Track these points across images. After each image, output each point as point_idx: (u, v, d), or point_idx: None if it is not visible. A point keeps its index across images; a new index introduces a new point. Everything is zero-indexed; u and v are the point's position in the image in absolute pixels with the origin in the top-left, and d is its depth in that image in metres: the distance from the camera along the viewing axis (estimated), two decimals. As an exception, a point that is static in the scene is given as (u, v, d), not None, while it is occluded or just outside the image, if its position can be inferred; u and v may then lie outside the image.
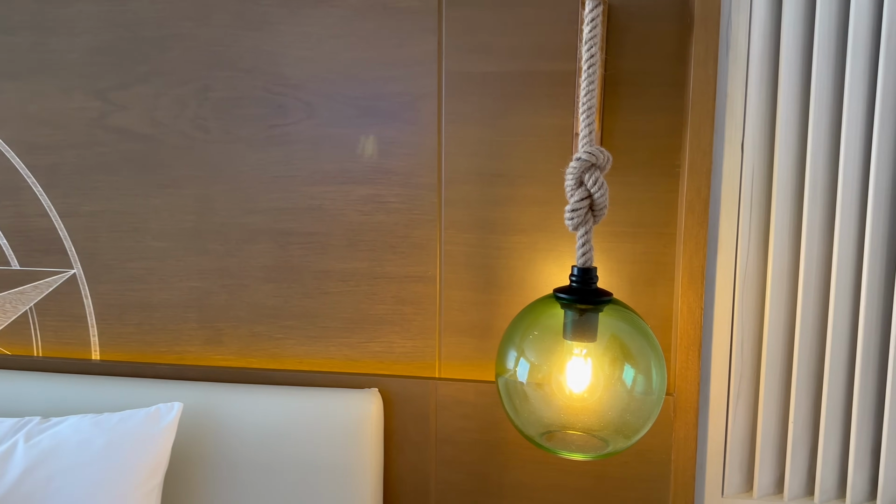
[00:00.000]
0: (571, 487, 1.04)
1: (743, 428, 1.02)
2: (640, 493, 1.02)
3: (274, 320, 1.10)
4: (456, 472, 1.07)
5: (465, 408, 1.06)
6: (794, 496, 1.01)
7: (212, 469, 1.03)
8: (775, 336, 0.99)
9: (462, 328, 1.07)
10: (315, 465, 1.02)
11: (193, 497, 1.04)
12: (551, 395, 0.79)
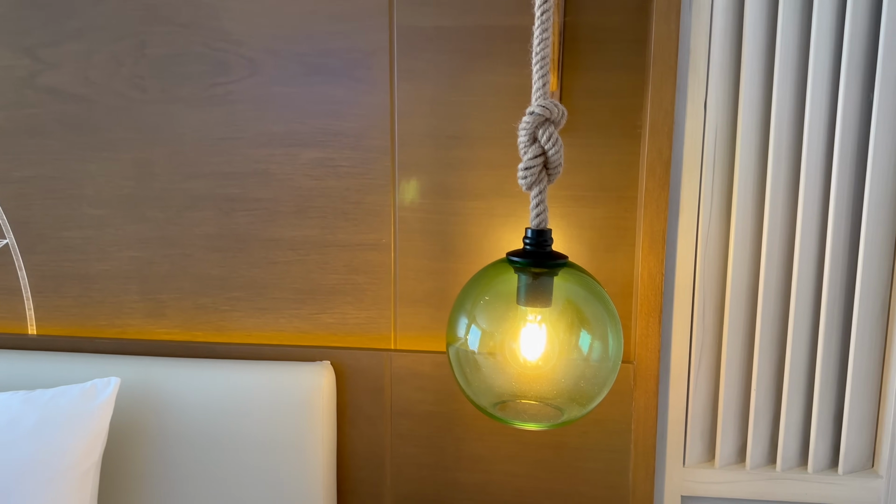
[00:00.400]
0: (530, 459, 1.01)
1: (704, 396, 1.00)
2: (600, 462, 1.00)
3: (219, 291, 1.05)
4: (412, 445, 1.03)
5: (422, 380, 1.02)
6: (757, 465, 1.00)
7: (155, 446, 0.99)
8: (737, 302, 0.96)
9: (418, 298, 1.02)
10: (264, 441, 0.98)
11: (136, 476, 0.99)
12: (504, 364, 0.76)
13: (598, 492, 1.00)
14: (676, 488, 1.01)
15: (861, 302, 0.94)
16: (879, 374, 0.98)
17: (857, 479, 0.98)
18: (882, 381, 0.98)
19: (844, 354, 0.97)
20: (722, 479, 1.00)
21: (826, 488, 0.98)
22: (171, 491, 0.99)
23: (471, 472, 1.03)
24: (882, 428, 0.98)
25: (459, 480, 1.03)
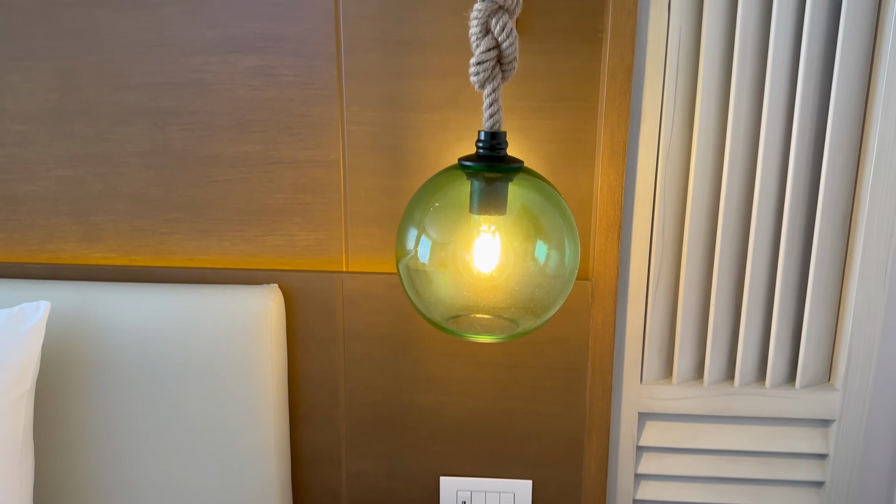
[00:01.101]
0: (486, 379, 0.99)
1: (662, 313, 0.98)
2: (557, 382, 0.98)
3: (157, 213, 0.99)
4: (366, 368, 1.00)
5: (375, 302, 0.98)
6: (714, 381, 0.99)
7: (95, 374, 0.94)
8: (698, 216, 0.94)
9: (369, 217, 0.97)
10: (211, 367, 0.93)
11: (76, 403, 0.95)
12: (457, 277, 0.72)
13: (555, 410, 0.99)
14: (633, 405, 1.00)
15: (823, 216, 0.92)
16: (839, 289, 0.97)
17: (813, 392, 0.98)
18: (841, 296, 0.97)
19: (805, 269, 0.96)
20: (679, 395, 0.99)
21: (783, 402, 0.98)
22: (115, 419, 0.95)
23: (427, 394, 1.00)
24: (839, 342, 0.97)
25: (415, 403, 1.01)
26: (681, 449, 1.02)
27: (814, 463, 1.00)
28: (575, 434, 1.00)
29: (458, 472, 1.03)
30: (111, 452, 0.96)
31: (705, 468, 1.01)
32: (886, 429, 1.01)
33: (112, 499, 0.97)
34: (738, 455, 1.01)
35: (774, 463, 1.01)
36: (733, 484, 1.02)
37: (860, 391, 0.97)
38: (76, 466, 0.96)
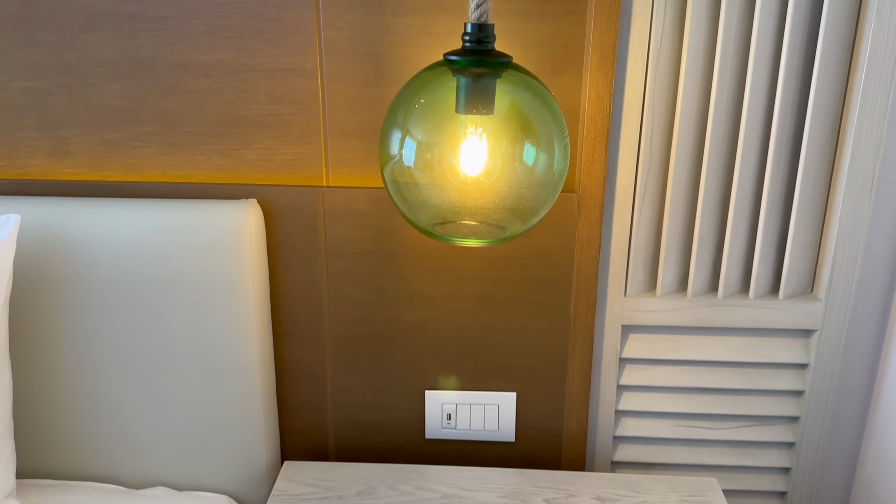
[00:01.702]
0: (471, 294, 0.98)
1: (648, 225, 0.97)
2: (542, 295, 0.98)
3: (128, 125, 0.95)
4: (350, 285, 0.99)
5: (357, 217, 0.96)
6: (698, 292, 0.99)
7: (72, 290, 0.92)
8: (686, 125, 0.92)
9: (350, 129, 0.94)
10: (190, 282, 0.92)
11: (54, 320, 0.93)
12: (443, 180, 0.70)
13: (540, 323, 0.99)
14: (617, 318, 1.00)
15: (812, 124, 0.90)
16: (825, 200, 0.96)
17: (796, 303, 0.98)
18: (826, 206, 0.96)
19: (792, 180, 0.95)
20: (663, 307, 0.99)
21: (766, 313, 0.98)
22: (94, 336, 0.94)
23: (411, 310, 1.00)
24: (823, 253, 0.97)
25: (400, 318, 1.00)
26: (663, 360, 1.03)
27: (794, 373, 1.02)
28: (559, 347, 1.00)
29: (443, 385, 1.03)
30: (92, 369, 0.95)
31: (687, 379, 1.02)
32: (866, 339, 1.02)
33: (95, 416, 0.97)
34: (719, 366, 1.02)
35: (755, 373, 1.02)
36: (714, 394, 1.04)
37: (842, 301, 0.97)
38: (57, 384, 0.96)
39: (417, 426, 1.06)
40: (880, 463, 1.01)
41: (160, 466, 0.99)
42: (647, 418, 1.06)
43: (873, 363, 1.03)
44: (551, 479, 0.98)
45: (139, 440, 0.98)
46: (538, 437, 1.05)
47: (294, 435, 1.06)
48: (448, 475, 0.99)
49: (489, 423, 1.04)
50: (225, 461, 0.99)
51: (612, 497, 0.94)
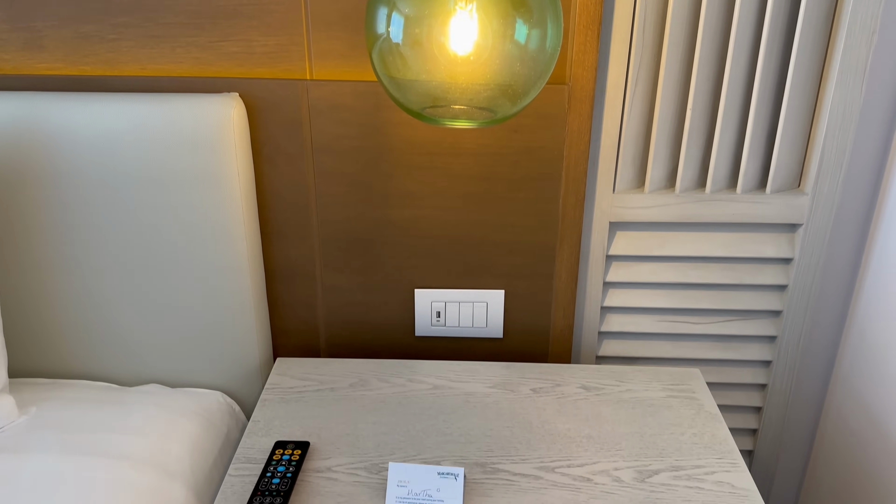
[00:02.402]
0: (461, 192, 0.98)
1: (638, 119, 0.96)
2: (530, 192, 0.97)
3: (103, 17, 0.91)
4: (337, 183, 0.98)
5: (343, 112, 0.94)
6: (686, 188, 0.99)
7: (54, 187, 0.91)
8: (679, 12, 0.89)
9: (333, 20, 0.91)
10: (175, 179, 0.90)
11: (37, 218, 0.92)
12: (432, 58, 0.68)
13: (528, 221, 0.99)
14: (605, 215, 1.00)
15: (805, 12, 0.88)
16: (816, 91, 0.95)
17: (783, 197, 0.98)
18: (817, 98, 0.95)
19: (783, 71, 0.93)
20: (651, 203, 0.99)
21: (753, 208, 0.99)
22: (79, 234, 0.93)
23: (400, 209, 0.99)
24: (812, 147, 0.97)
25: (388, 217, 1.00)
26: (649, 257, 1.04)
27: (778, 267, 1.03)
28: (547, 244, 1.01)
29: (432, 283, 1.04)
30: (80, 267, 0.95)
31: (672, 275, 1.03)
32: (850, 233, 1.03)
33: (85, 315, 0.97)
34: (704, 261, 1.04)
35: (740, 268, 1.03)
36: (698, 289, 1.05)
37: (829, 195, 0.98)
38: (45, 283, 0.95)
39: (407, 324, 1.07)
40: (859, 356, 1.04)
41: (153, 364, 1.01)
42: (631, 314, 1.08)
43: (856, 258, 1.05)
44: (538, 371, 1.00)
45: (131, 338, 0.99)
46: (525, 333, 1.07)
47: (286, 334, 1.07)
48: (438, 369, 1.01)
49: (478, 320, 1.06)
50: (217, 359, 1.00)
51: (596, 386, 0.97)
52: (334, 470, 0.82)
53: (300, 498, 0.78)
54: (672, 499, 0.78)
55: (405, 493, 0.77)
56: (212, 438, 0.92)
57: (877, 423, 0.99)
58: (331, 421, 0.90)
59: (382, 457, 0.84)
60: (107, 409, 0.91)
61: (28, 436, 0.85)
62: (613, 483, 0.80)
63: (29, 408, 0.90)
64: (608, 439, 0.87)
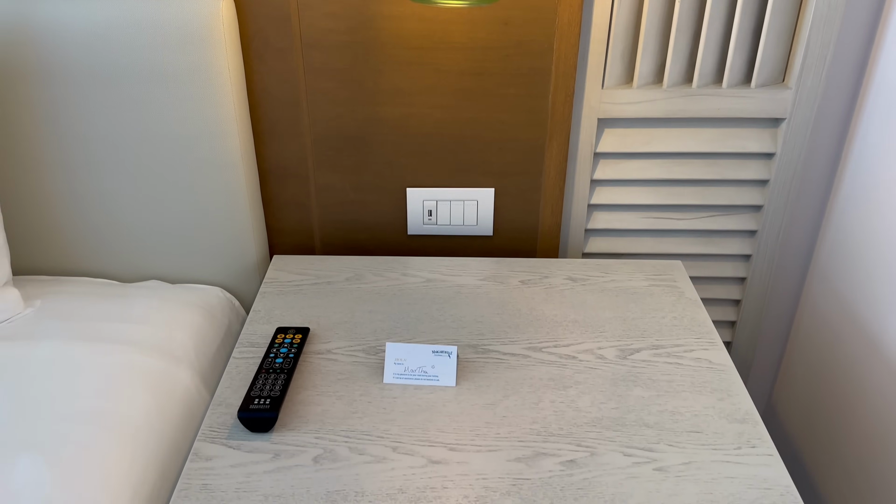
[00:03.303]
0: (451, 88, 0.99)
1: (628, 13, 0.96)
2: (521, 88, 0.99)
3: None
4: (327, 79, 0.98)
5: (332, 5, 0.93)
6: (674, 83, 1.00)
7: (46, 84, 0.91)
8: None
9: None
10: (165, 74, 0.91)
11: (30, 116, 0.93)
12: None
13: (518, 117, 1.01)
14: (594, 111, 1.02)
15: None
16: (804, -16, 0.95)
17: (767, 91, 1.00)
18: (806, -9, 0.96)
19: (773, -37, 0.93)
20: (639, 98, 1.01)
21: (738, 102, 1.00)
22: (73, 131, 0.94)
23: (391, 106, 1.00)
24: (797, 41, 0.98)
25: (379, 115, 1.01)
26: (636, 154, 1.06)
27: (761, 163, 1.06)
28: (536, 141, 1.03)
29: (423, 182, 1.06)
30: (77, 165, 0.96)
31: (657, 171, 1.06)
32: (832, 128, 1.05)
33: (84, 212, 0.99)
34: (689, 157, 1.06)
35: (723, 164, 1.06)
36: (682, 185, 1.08)
37: (812, 90, 0.99)
38: (43, 180, 0.97)
39: (399, 223, 1.10)
40: (836, 250, 1.08)
41: (153, 261, 1.03)
42: (617, 211, 1.11)
43: (836, 153, 1.07)
44: (527, 265, 1.04)
45: (130, 235, 1.01)
46: (514, 230, 1.10)
47: (281, 233, 1.10)
48: (430, 264, 1.04)
49: (468, 218, 1.09)
50: (216, 255, 1.03)
51: (582, 277, 1.01)
52: (334, 352, 0.86)
53: (302, 376, 0.82)
54: (652, 373, 0.83)
55: (402, 369, 0.81)
56: (214, 329, 0.96)
57: (852, 315, 1.04)
58: (328, 310, 0.94)
59: (379, 340, 0.88)
60: (110, 301, 0.94)
61: (36, 325, 0.88)
62: (597, 360, 0.85)
63: (34, 301, 0.93)
64: (592, 323, 0.91)
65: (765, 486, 0.69)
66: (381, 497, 0.67)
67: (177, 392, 0.83)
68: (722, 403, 0.79)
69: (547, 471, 0.70)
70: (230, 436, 0.74)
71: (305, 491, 0.67)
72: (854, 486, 1.03)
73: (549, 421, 0.76)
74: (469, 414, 0.77)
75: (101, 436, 0.72)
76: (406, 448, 0.72)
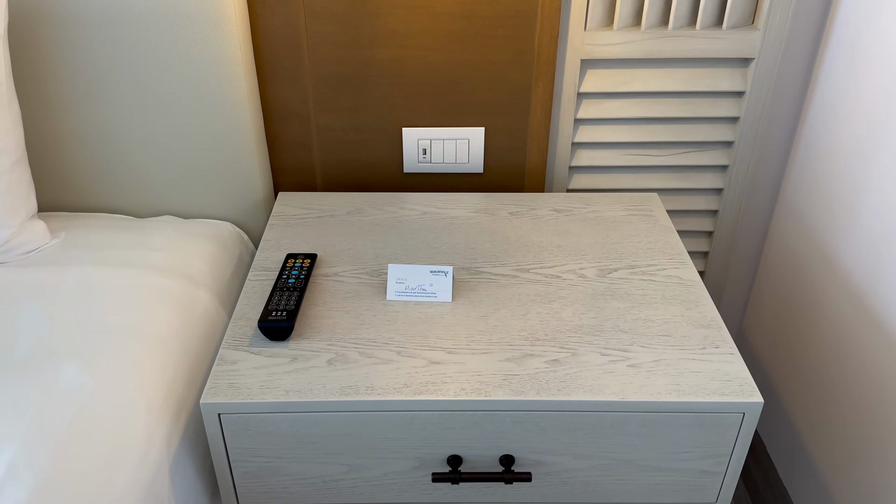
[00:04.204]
0: (443, 31, 1.05)
1: (609, -43, 1.03)
2: (509, 30, 1.05)
3: None
4: (327, 23, 1.04)
5: (330, -47, 0.99)
6: (651, 25, 1.07)
7: (65, 26, 0.96)
8: None
9: None
10: (173, 20, 0.96)
11: (53, 59, 0.99)
12: None
13: (506, 58, 1.07)
14: (577, 52, 1.09)
15: None
16: (773, -70, 1.02)
17: (738, 33, 1.07)
18: (774, -64, 1.02)
19: None
20: (619, 40, 1.08)
21: (711, 43, 1.08)
22: (91, 74, 1.00)
23: (387, 49, 1.07)
24: (767, -15, 1.05)
25: (376, 57, 1.07)
26: (616, 93, 1.13)
27: (731, 100, 1.14)
28: (523, 82, 1.10)
29: (418, 122, 1.13)
30: (95, 105, 1.02)
31: (636, 110, 1.14)
32: (798, 67, 1.13)
33: (102, 150, 1.06)
34: (666, 96, 1.13)
35: (697, 102, 1.14)
36: (659, 124, 1.16)
37: (778, 31, 1.07)
38: (64, 120, 1.03)
39: (396, 161, 1.17)
40: (802, 182, 1.17)
41: (166, 198, 1.10)
42: (599, 149, 1.18)
43: (802, 91, 1.15)
44: (515, 199, 1.12)
45: (144, 173, 1.08)
46: (503, 168, 1.18)
47: (285, 172, 1.17)
48: (426, 199, 1.12)
49: (460, 156, 1.16)
50: (225, 192, 1.10)
51: (566, 209, 1.09)
52: (340, 275, 0.94)
53: (313, 295, 0.90)
54: (628, 288, 0.92)
55: (403, 287, 0.90)
56: (227, 258, 1.04)
57: (817, 244, 1.13)
58: (333, 239, 1.01)
59: (381, 265, 0.96)
60: (130, 233, 1.02)
61: (63, 254, 0.95)
62: (579, 278, 0.94)
63: (59, 233, 1.00)
64: (575, 248, 1.00)
65: (725, 378, 0.78)
66: (389, 390, 0.76)
67: (197, 310, 0.91)
68: (690, 312, 0.88)
69: (534, 368, 0.79)
70: (251, 344, 0.82)
71: (322, 387, 0.76)
72: (814, 395, 1.14)
73: (536, 329, 0.85)
74: (464, 324, 0.86)
75: (133, 346, 0.81)
76: (409, 352, 0.81)
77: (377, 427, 0.77)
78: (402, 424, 0.77)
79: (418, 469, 0.81)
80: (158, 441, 0.75)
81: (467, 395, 0.76)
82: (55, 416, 0.70)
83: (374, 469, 0.80)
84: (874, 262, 0.98)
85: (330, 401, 0.75)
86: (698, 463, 0.80)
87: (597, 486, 0.83)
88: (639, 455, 0.79)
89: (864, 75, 0.99)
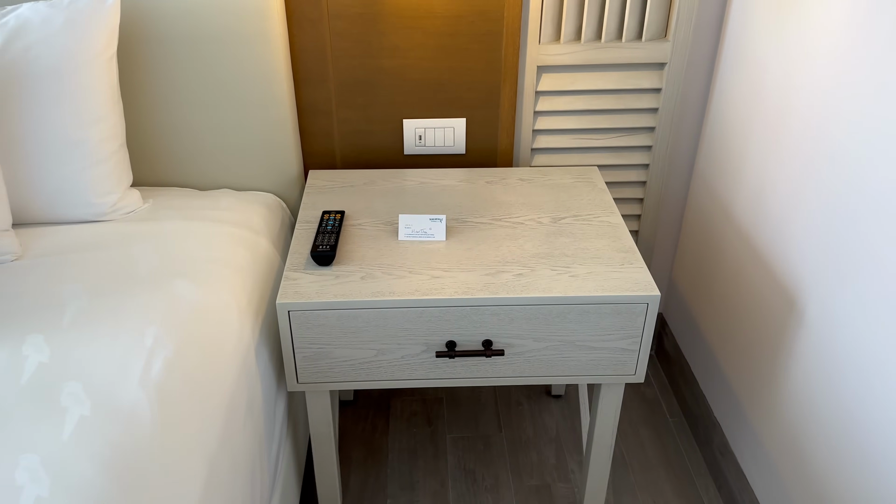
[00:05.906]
0: (433, 46, 1.40)
1: (555, -10, 1.38)
2: (483, 44, 1.40)
3: (176, -81, 1.27)
4: (346, 40, 1.39)
5: (349, -11, 1.34)
6: (588, 39, 1.43)
7: (150, 46, 1.29)
8: (580, -87, 1.30)
9: (340, -79, 1.29)
10: (236, 40, 1.30)
11: (142, 68, 1.32)
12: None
13: (481, 65, 1.43)
14: (534, 61, 1.44)
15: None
16: (675, -31, 1.38)
17: (654, 44, 1.44)
18: (676, -26, 1.39)
19: (653, -46, 1.36)
20: (565, 51, 1.43)
21: (634, 52, 1.44)
22: (167, 81, 1.33)
23: (391, 59, 1.41)
24: (672, 7, 1.41)
25: (383, 66, 1.42)
26: (564, 91, 1.49)
27: (651, 96, 1.50)
28: (494, 83, 1.45)
29: (415, 115, 1.48)
30: (173, 105, 1.35)
31: (580, 104, 1.49)
32: (700, 69, 1.50)
33: (174, 138, 1.39)
34: (602, 93, 1.49)
35: (626, 97, 1.50)
36: (598, 114, 1.52)
37: (684, 41, 1.43)
38: (148, 116, 1.36)
39: (398, 146, 1.51)
40: (710, 158, 1.54)
41: (223, 175, 1.44)
42: (553, 135, 1.54)
43: (706, 87, 1.52)
44: (489, 172, 1.47)
45: (207, 156, 1.41)
46: (480, 150, 1.53)
47: (312, 156, 1.51)
48: (422, 174, 1.46)
49: (447, 141, 1.51)
50: (269, 170, 1.44)
51: (529, 179, 1.45)
52: (363, 225, 1.28)
53: (346, 237, 1.25)
54: (572, 229, 1.27)
55: (409, 231, 1.24)
56: (273, 218, 1.37)
57: (724, 207, 1.49)
58: (354, 202, 1.36)
59: (392, 217, 1.30)
60: (201, 199, 1.35)
61: (155, 213, 1.28)
62: (537, 224, 1.29)
63: (148, 200, 1.33)
64: (534, 205, 1.35)
65: (635, 282, 1.14)
66: (405, 294, 1.10)
67: (260, 251, 1.25)
68: (614, 244, 1.23)
69: (505, 279, 1.14)
70: (306, 268, 1.16)
71: (358, 291, 1.10)
72: (719, 315, 1.51)
73: (506, 256, 1.20)
74: (455, 254, 1.20)
75: (221, 270, 1.14)
76: (417, 271, 1.16)
77: (396, 320, 1.11)
78: (414, 317, 1.11)
79: (426, 352, 1.15)
80: (246, 331, 1.09)
81: (459, 295, 1.10)
82: (178, 311, 1.03)
83: (395, 353, 1.14)
84: (755, 208, 1.34)
85: (364, 300, 1.09)
86: (619, 342, 1.15)
87: (551, 364, 1.17)
88: (578, 337, 1.14)
89: (748, 73, 1.36)
